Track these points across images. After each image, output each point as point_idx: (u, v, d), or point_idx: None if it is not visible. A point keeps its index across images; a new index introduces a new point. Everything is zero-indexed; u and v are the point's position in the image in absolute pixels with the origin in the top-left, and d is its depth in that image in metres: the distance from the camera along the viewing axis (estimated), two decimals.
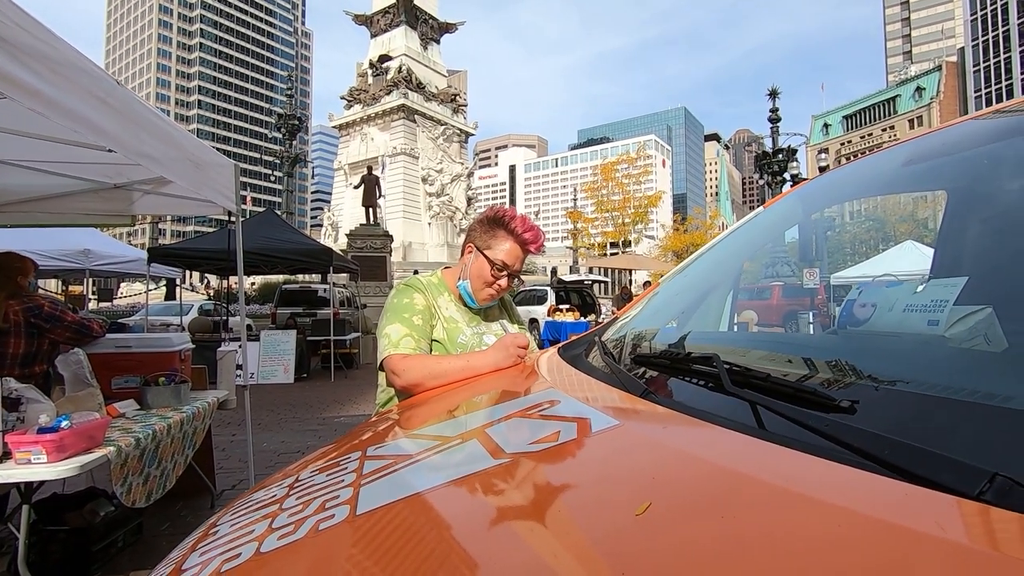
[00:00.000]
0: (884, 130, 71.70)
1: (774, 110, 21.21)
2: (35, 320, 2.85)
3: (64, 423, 2.10)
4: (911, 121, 68.60)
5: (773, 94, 21.17)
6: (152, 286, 12.35)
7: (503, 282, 1.57)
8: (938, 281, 0.91)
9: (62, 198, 3.77)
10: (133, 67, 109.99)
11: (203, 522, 0.90)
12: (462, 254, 1.65)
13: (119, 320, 12.05)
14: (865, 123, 75.64)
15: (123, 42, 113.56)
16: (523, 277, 1.73)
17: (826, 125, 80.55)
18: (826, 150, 28.76)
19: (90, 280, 13.59)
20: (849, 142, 75.06)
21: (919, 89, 69.28)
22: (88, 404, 2.53)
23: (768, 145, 21.63)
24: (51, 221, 4.07)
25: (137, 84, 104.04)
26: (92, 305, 20.85)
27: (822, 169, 20.62)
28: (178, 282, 14.47)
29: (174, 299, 17.40)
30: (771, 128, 21.35)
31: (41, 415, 2.17)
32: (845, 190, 1.39)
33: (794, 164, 20.56)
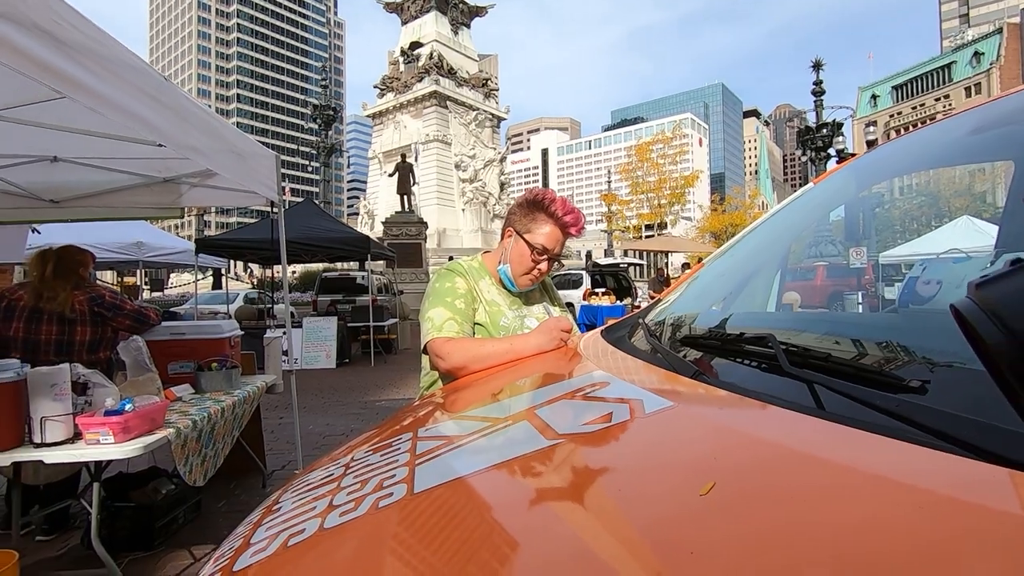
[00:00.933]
0: (938, 99, 67.68)
1: (818, 83, 20.28)
2: (98, 309, 3.00)
3: (128, 406, 2.22)
4: (968, 89, 64.48)
5: (817, 66, 20.23)
6: (200, 276, 12.84)
7: (543, 266, 1.57)
8: (1010, 255, 0.86)
9: (116, 193, 3.94)
10: (176, 63, 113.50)
11: (257, 500, 0.93)
12: (502, 238, 1.65)
13: (171, 308, 12.60)
14: (917, 93, 71.51)
15: (166, 40, 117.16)
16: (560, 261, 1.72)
17: (874, 96, 76.59)
18: (874, 123, 27.38)
19: (142, 271, 14.23)
20: (899, 113, 71.17)
21: (977, 54, 64.97)
22: (148, 388, 2.67)
23: (811, 120, 20.75)
24: (107, 215, 4.27)
25: (180, 80, 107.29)
26: (145, 295, 21.85)
27: (870, 143, 19.68)
28: (224, 271, 15.00)
29: (220, 288, 18.07)
30: (815, 102, 20.44)
31: (107, 399, 2.29)
32: (903, 163, 1.32)
33: (840, 139, 19.65)
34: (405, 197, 20.23)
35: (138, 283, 18.53)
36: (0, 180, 3.56)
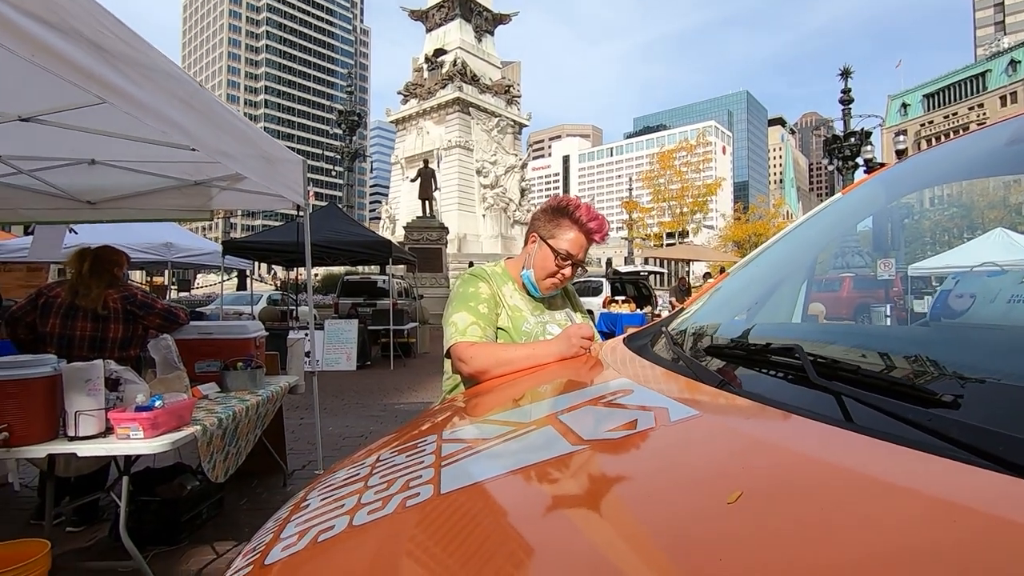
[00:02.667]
0: (971, 108, 65.89)
1: (846, 91, 19.92)
2: (130, 307, 3.09)
3: (157, 403, 2.28)
4: (1003, 98, 62.69)
5: (845, 74, 19.89)
6: (225, 277, 13.09)
7: (567, 271, 1.58)
8: None
9: (149, 195, 4.06)
10: (207, 69, 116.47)
11: (278, 498, 0.95)
12: (525, 243, 1.66)
13: (197, 309, 12.88)
14: (949, 102, 69.76)
15: (197, 47, 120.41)
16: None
17: (904, 105, 74.95)
18: (904, 132, 26.78)
19: (170, 271, 14.58)
20: (930, 122, 69.46)
21: (1013, 63, 63.16)
22: (176, 386, 2.73)
23: (839, 128, 20.39)
24: (139, 216, 4.40)
25: (211, 85, 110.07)
26: (173, 295, 22.35)
27: (900, 152, 19.25)
28: (248, 273, 15.29)
29: (245, 289, 18.40)
30: (843, 110, 20.08)
31: (138, 395, 2.36)
32: (935, 174, 1.30)
33: (868, 148, 19.27)
34: (427, 202, 20.40)
35: (166, 283, 18.98)
36: (41, 181, 3.70)
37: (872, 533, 0.40)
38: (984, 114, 62.47)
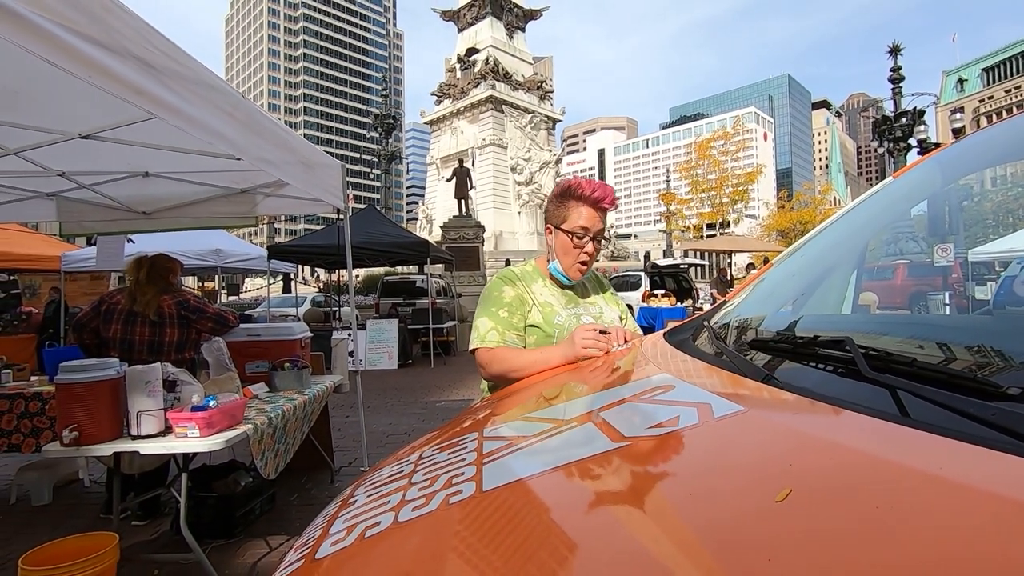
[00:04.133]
0: None
1: (896, 68, 18.92)
2: (184, 312, 3.24)
3: (212, 403, 2.38)
4: None
5: (895, 51, 18.89)
6: (271, 280, 13.55)
7: (588, 247, 1.59)
8: None
9: (199, 204, 4.24)
10: (248, 80, 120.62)
11: (326, 494, 0.98)
12: (546, 239, 1.68)
13: (245, 312, 13.37)
14: (1011, 74, 65.39)
15: (240, 58, 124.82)
16: (615, 264, 1.72)
17: (960, 80, 70.69)
18: (961, 109, 25.31)
19: (220, 276, 15.19)
20: (990, 98, 65.28)
21: None
22: (228, 386, 2.85)
23: (889, 108, 19.40)
24: (190, 224, 4.59)
25: (252, 95, 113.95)
26: (223, 299, 23.28)
27: (956, 131, 18.20)
28: (292, 276, 15.79)
29: (289, 292, 19.00)
30: (892, 89, 19.08)
31: (193, 395, 2.47)
32: (996, 153, 1.22)
33: (922, 127, 18.26)
34: (462, 201, 20.55)
35: (216, 288, 19.79)
36: (100, 194, 3.92)
37: (930, 534, 0.38)
38: None
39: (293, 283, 16.57)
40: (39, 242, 8.85)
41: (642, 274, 16.39)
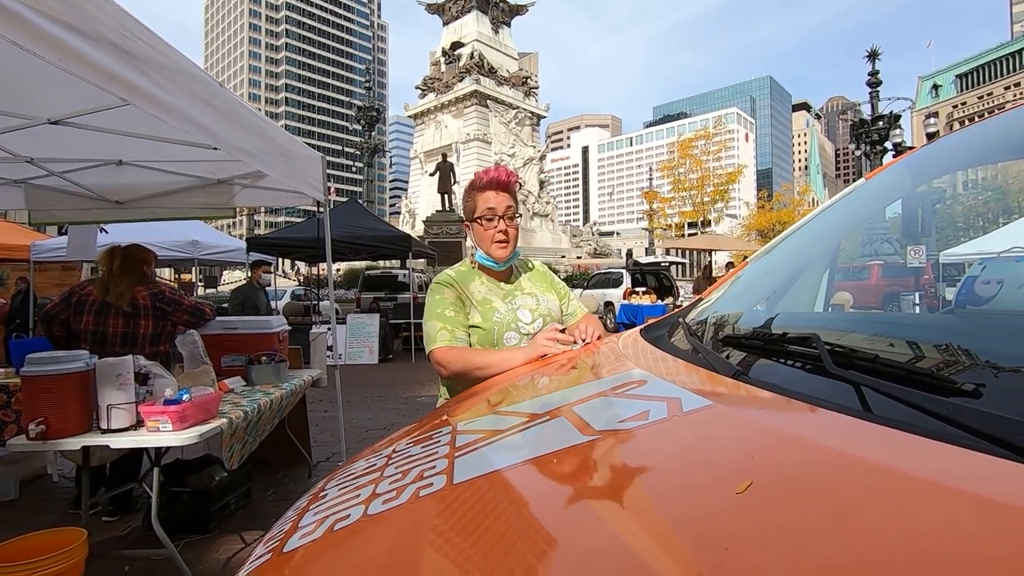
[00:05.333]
0: (1007, 88, 63.30)
1: (873, 73, 19.30)
2: (159, 304, 3.18)
3: (185, 396, 2.34)
4: None
5: (873, 55, 19.26)
6: (250, 273, 13.32)
7: (500, 225, 1.63)
8: None
9: (175, 194, 4.15)
10: (228, 69, 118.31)
11: (303, 489, 0.97)
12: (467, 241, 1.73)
13: (223, 304, 13.14)
14: (983, 81, 67.06)
15: (219, 47, 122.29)
16: (597, 262, 1.76)
17: (935, 86, 72.26)
18: (935, 114, 25.92)
19: (197, 268, 14.92)
20: (963, 104, 66.89)
21: None
22: (203, 380, 2.80)
23: (867, 112, 19.79)
24: (166, 215, 4.50)
25: (232, 84, 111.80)
26: (200, 291, 22.87)
27: (930, 136, 18.63)
28: (272, 269, 15.57)
29: (269, 285, 18.71)
30: (870, 93, 19.46)
31: (166, 389, 2.43)
32: (965, 156, 1.25)
33: (897, 131, 18.68)
34: (446, 196, 20.48)
35: (193, 280, 19.44)
36: (72, 183, 3.81)
37: (887, 525, 0.39)
38: (1021, 93, 60.07)
39: (272, 276, 16.35)
40: (7, 230, 8.60)
41: (624, 271, 16.50)
